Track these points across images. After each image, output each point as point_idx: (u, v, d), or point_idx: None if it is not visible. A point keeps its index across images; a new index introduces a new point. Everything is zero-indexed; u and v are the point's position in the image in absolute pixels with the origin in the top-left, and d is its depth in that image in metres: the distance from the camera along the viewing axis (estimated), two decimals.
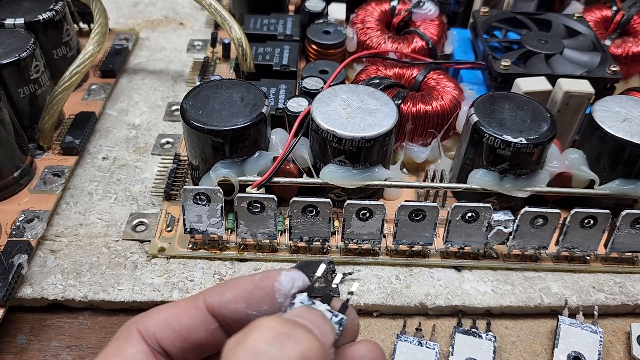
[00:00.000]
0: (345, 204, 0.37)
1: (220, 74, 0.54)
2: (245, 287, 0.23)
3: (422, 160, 0.45)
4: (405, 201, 0.37)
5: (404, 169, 0.46)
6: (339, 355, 0.23)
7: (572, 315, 0.37)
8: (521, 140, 0.37)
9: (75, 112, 0.48)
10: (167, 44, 0.59)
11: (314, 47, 0.51)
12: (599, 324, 0.37)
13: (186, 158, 0.43)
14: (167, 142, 0.47)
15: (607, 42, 0.52)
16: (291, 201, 0.37)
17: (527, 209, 0.37)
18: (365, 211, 0.37)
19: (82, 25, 0.57)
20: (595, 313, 0.37)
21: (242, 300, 0.23)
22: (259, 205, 0.37)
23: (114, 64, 0.53)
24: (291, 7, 0.61)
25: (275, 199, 0.36)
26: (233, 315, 0.23)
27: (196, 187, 0.37)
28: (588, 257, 0.40)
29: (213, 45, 0.57)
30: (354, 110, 0.39)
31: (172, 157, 0.45)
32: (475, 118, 0.39)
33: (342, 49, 0.52)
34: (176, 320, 0.23)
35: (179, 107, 0.50)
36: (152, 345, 0.23)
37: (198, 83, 0.52)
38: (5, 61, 0.41)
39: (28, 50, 0.42)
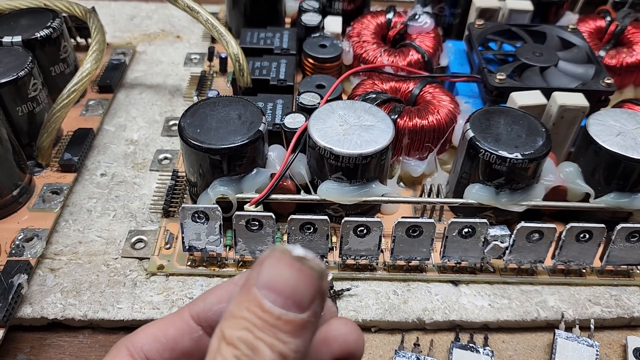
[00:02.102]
0: (342, 221, 0.37)
1: (218, 88, 0.54)
2: (227, 287, 0.24)
3: (418, 174, 0.45)
4: (403, 217, 0.37)
5: (401, 183, 0.46)
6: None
7: (568, 328, 0.37)
8: (517, 156, 0.38)
9: (73, 128, 0.48)
10: (164, 58, 0.59)
11: (310, 60, 0.52)
12: (595, 337, 0.37)
13: (184, 174, 0.44)
14: (165, 158, 0.48)
15: (602, 53, 0.53)
16: (289, 219, 0.37)
17: (523, 224, 0.37)
18: (362, 228, 0.37)
19: (79, 39, 0.57)
20: (592, 326, 0.37)
21: (225, 300, 0.23)
22: (257, 223, 0.37)
23: (112, 79, 0.53)
24: (287, 20, 0.61)
25: (273, 216, 0.37)
26: (218, 317, 0.23)
27: (194, 205, 0.37)
28: (584, 270, 0.40)
29: (210, 59, 0.57)
30: (350, 126, 0.39)
31: (170, 173, 0.45)
32: (471, 133, 0.39)
33: (338, 63, 0.52)
34: (162, 333, 0.24)
35: (176, 122, 0.51)
36: None
37: (195, 98, 0.52)
38: (3, 80, 0.41)
39: (26, 69, 0.42)
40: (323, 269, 0.20)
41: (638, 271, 0.41)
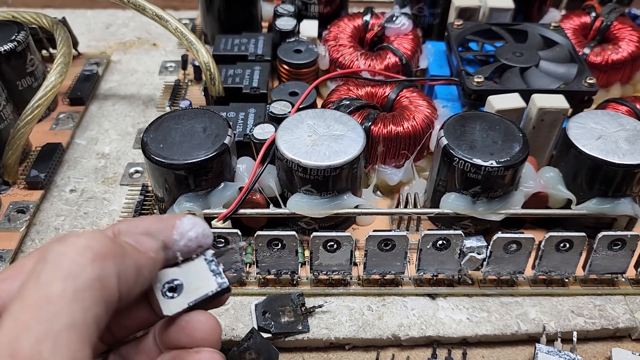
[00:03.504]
0: (311, 236, 0.36)
1: (192, 96, 0.53)
2: (151, 218, 0.25)
3: (395, 183, 0.43)
4: (374, 231, 0.36)
5: (378, 192, 0.45)
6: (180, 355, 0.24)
7: (550, 341, 0.36)
8: (492, 164, 0.36)
9: (43, 142, 0.47)
10: (139, 67, 0.58)
11: (285, 67, 0.50)
12: (578, 349, 0.36)
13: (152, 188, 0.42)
14: (137, 171, 0.46)
15: (586, 50, 0.51)
16: (255, 235, 0.35)
17: (499, 234, 0.36)
18: (332, 243, 0.36)
19: (52, 50, 0.56)
20: (574, 339, 0.36)
21: (144, 228, 0.24)
22: (222, 241, 0.36)
23: (83, 91, 0.52)
24: (265, 24, 0.59)
25: (239, 233, 0.35)
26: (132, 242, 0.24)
27: None
28: (566, 280, 0.39)
29: (184, 67, 0.56)
30: (319, 137, 0.38)
31: (140, 188, 0.44)
32: (445, 141, 0.38)
33: (314, 68, 0.51)
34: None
35: None
36: None
37: (168, 108, 0.51)
38: None
39: None
40: None
41: (623, 279, 0.39)
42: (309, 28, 0.53)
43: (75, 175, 0.46)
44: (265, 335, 0.35)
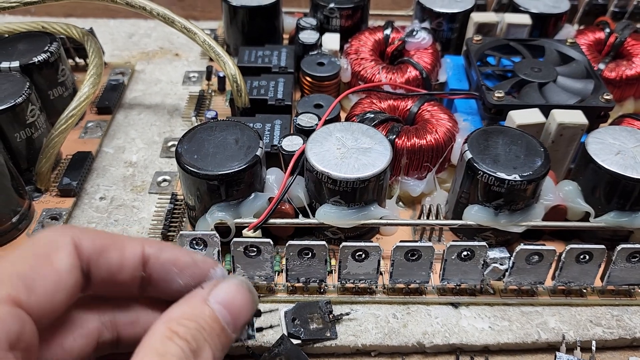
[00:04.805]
0: (340, 246, 0.37)
1: (216, 107, 0.54)
2: (184, 258, 0.26)
3: (417, 194, 0.45)
4: (401, 241, 0.37)
5: (400, 203, 0.46)
6: None
7: (569, 350, 0.37)
8: (515, 177, 0.38)
9: (72, 151, 0.48)
10: (162, 77, 0.59)
11: (308, 79, 0.51)
12: (597, 358, 0.37)
13: (182, 197, 0.44)
14: (164, 180, 0.47)
15: (601, 66, 0.53)
16: (287, 244, 0.37)
17: (522, 246, 0.37)
18: (361, 252, 0.37)
19: (78, 60, 0.57)
20: (593, 348, 0.37)
21: (178, 266, 0.25)
22: (255, 249, 0.37)
23: (110, 100, 0.53)
24: (285, 36, 0.61)
25: (271, 242, 0.37)
26: (162, 273, 0.25)
27: (192, 232, 0.37)
28: (585, 291, 0.40)
29: (208, 78, 0.57)
30: (348, 149, 0.39)
31: (169, 197, 0.45)
32: (469, 155, 0.39)
33: (336, 81, 0.52)
34: (111, 253, 0.24)
35: (175, 143, 0.51)
36: (82, 265, 0.23)
37: (193, 118, 0.52)
38: (0, 107, 0.41)
39: (23, 95, 0.42)
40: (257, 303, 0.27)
41: None
42: (331, 41, 0.54)
43: (105, 183, 0.47)
44: (295, 341, 0.36)
